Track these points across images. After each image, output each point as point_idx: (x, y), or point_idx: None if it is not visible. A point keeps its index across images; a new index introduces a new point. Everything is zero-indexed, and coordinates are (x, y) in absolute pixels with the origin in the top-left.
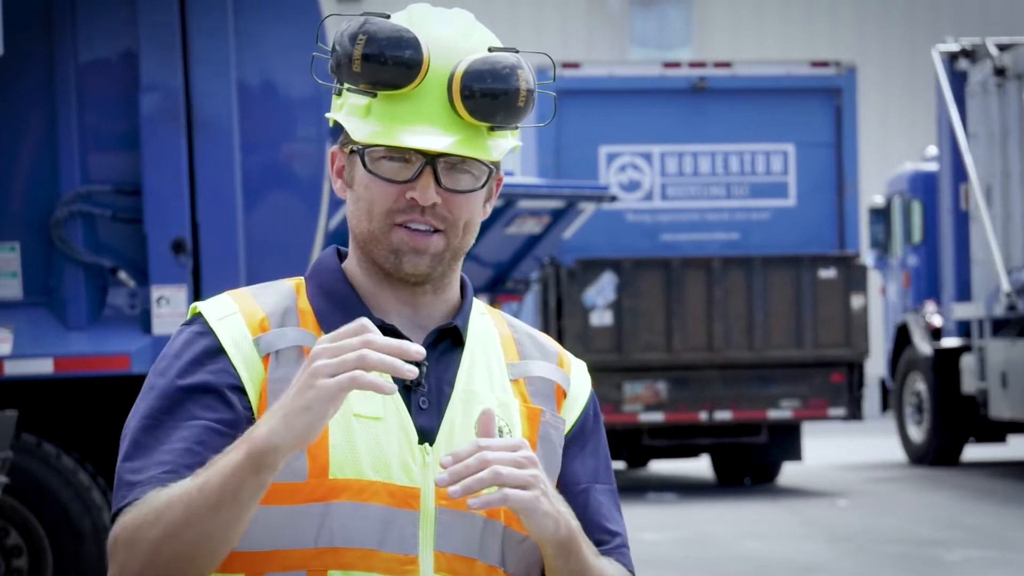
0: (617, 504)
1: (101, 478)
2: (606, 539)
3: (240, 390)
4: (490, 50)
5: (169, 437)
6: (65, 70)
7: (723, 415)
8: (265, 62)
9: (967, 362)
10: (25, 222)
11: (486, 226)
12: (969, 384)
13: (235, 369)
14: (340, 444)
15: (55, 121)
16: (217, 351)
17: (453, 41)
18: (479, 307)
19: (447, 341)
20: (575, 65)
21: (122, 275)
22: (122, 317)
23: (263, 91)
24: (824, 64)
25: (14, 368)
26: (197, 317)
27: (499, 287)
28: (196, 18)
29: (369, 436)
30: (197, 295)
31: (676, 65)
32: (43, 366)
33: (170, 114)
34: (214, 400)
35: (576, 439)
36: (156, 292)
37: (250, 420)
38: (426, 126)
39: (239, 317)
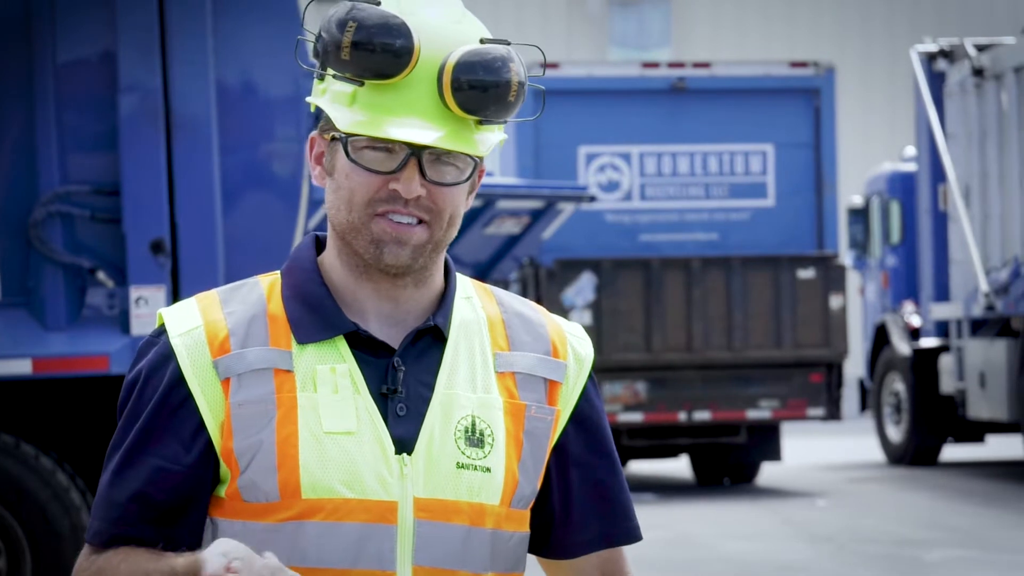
0: (621, 473)
1: (80, 479)
2: (632, 525)
3: (201, 426)
4: (482, 41)
5: (141, 477)
6: (44, 70)
7: (702, 415)
8: (244, 62)
9: (945, 362)
10: (3, 222)
11: (465, 226)
12: (947, 384)
13: (195, 403)
14: (311, 465)
15: (34, 121)
16: (178, 380)
17: (443, 29)
18: (465, 289)
19: (428, 336)
20: (554, 65)
21: (101, 275)
22: (101, 317)
23: (242, 91)
24: (803, 64)
25: None
26: (162, 331)
27: None
28: (175, 19)
29: (341, 452)
30: (176, 295)
31: (655, 65)
32: (22, 367)
33: (149, 114)
34: (177, 446)
35: (580, 422)
36: (135, 292)
37: (209, 452)
38: (413, 118)
39: (201, 332)
